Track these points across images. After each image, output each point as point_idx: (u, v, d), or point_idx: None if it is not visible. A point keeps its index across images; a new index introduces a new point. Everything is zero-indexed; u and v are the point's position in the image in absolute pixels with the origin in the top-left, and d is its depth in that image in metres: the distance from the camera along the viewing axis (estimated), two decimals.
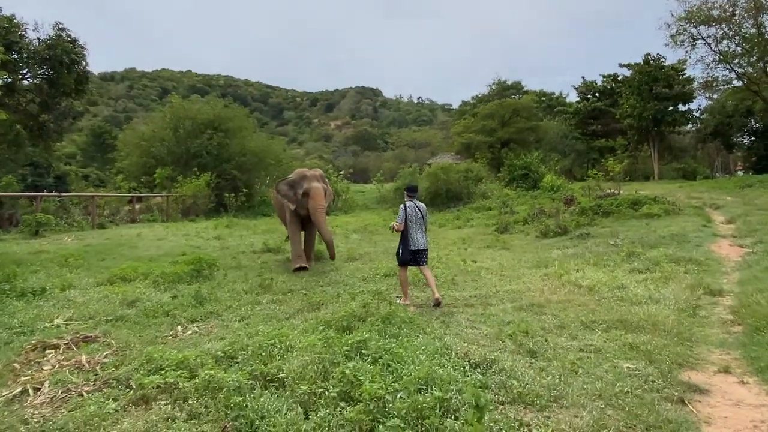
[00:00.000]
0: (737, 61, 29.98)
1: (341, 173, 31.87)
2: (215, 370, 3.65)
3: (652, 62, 38.34)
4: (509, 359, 4.24)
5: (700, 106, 42.45)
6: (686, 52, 30.83)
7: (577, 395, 3.58)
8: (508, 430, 3.05)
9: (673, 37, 30.25)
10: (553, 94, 56.92)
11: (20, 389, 3.86)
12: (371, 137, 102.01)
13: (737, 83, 32.09)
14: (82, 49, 19.20)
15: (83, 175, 44.63)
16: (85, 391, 3.80)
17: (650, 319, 5.41)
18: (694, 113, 40.63)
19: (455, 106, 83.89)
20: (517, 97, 49.91)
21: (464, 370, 3.90)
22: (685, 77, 38.04)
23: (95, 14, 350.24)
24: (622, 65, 43.05)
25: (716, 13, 28.42)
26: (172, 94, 41.91)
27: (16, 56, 17.45)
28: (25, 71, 18.62)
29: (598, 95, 46.83)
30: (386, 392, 3.19)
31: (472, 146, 41.04)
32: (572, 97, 52.50)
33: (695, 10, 28.76)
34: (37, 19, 20.97)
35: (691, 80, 37.56)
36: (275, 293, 7.36)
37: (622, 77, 43.68)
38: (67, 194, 19.75)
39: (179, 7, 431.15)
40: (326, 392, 3.35)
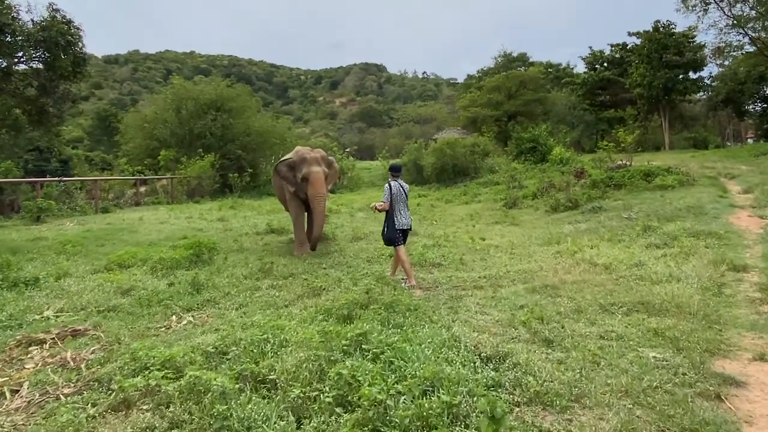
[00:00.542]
0: (751, 25, 29.04)
1: (347, 150, 31.41)
2: (201, 371, 3.31)
3: (662, 29, 37.09)
4: (524, 351, 3.87)
5: (711, 73, 41.43)
6: (698, 17, 30.08)
7: (601, 393, 3.22)
8: None
9: (684, 1, 29.38)
10: (560, 65, 55.28)
11: None
12: (376, 113, 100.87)
13: (749, 49, 31.22)
14: (77, 30, 18.66)
15: (88, 158, 44.45)
16: (64, 394, 3.54)
17: (673, 300, 5.03)
18: (705, 81, 39.55)
19: (460, 80, 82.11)
20: (523, 69, 48.45)
21: (474, 366, 3.53)
22: (696, 44, 36.92)
23: None
24: (630, 33, 41.81)
25: None
26: (173, 75, 41.29)
27: (9, 39, 17.02)
28: (20, 54, 18.20)
29: (606, 65, 45.45)
30: (388, 396, 2.82)
31: (478, 120, 40.36)
32: (580, 68, 51.05)
33: None
34: (30, 0, 20.41)
35: (702, 47, 36.52)
36: (276, 278, 7.07)
37: (631, 45, 42.29)
38: (68, 179, 19.53)
39: None
40: (321, 396, 3.01)
